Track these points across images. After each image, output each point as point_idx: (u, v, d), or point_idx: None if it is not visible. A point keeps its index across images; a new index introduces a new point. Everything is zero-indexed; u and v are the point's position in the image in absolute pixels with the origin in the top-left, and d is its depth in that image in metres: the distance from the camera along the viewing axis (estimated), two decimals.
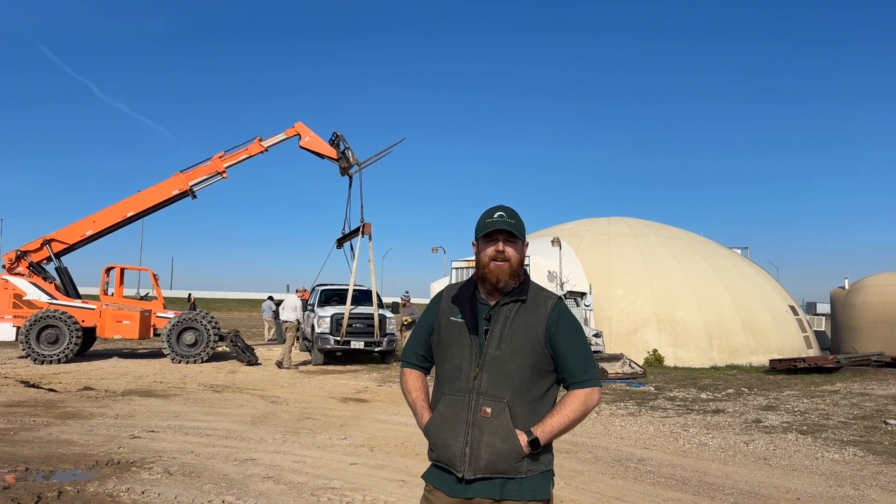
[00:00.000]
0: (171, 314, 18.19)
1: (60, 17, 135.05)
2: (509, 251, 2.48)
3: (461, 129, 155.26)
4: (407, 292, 20.67)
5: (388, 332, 18.09)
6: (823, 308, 30.65)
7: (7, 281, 17.28)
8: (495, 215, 2.51)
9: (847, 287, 25.14)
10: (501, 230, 2.48)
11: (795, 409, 11.52)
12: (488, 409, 2.39)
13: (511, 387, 2.40)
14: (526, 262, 2.69)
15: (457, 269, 21.65)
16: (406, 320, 17.01)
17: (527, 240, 2.62)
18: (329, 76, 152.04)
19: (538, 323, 2.44)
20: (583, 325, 17.71)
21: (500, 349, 2.43)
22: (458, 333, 2.53)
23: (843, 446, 8.54)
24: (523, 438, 2.36)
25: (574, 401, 2.41)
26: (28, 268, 17.63)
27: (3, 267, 17.76)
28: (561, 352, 2.44)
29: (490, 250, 2.49)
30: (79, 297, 18.24)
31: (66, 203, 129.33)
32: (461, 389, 2.47)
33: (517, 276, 2.50)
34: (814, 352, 21.87)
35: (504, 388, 2.40)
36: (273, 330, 26.89)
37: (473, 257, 2.62)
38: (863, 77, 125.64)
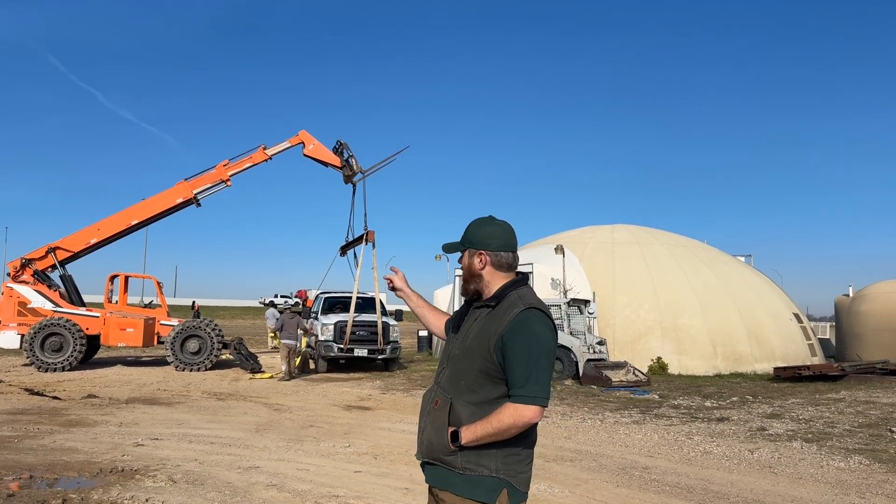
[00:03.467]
0: (174, 322, 18.22)
1: (67, 26, 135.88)
2: (462, 263, 2.71)
3: (465, 137, 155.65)
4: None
5: (391, 339, 18.08)
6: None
7: (12, 289, 17.35)
8: None
9: (851, 295, 25.07)
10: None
11: (800, 417, 11.48)
12: (438, 401, 2.56)
13: (458, 385, 2.53)
14: (529, 270, 2.77)
15: (460, 276, 21.62)
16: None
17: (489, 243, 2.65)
18: (334, 83, 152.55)
19: (495, 329, 2.46)
20: (586, 332, 17.67)
21: (458, 349, 2.58)
22: (450, 332, 2.77)
23: (849, 454, 8.51)
24: (449, 432, 2.47)
25: (503, 412, 2.39)
26: (33, 276, 17.70)
27: (8, 275, 17.83)
28: (506, 361, 2.42)
29: None
30: (83, 304, 18.29)
31: (71, 211, 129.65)
32: (435, 381, 2.68)
33: (468, 283, 2.67)
34: (818, 359, 21.78)
35: (453, 386, 2.54)
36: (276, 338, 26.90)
37: None
38: (867, 86, 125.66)
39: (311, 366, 16.77)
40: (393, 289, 3.16)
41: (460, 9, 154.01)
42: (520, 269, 2.71)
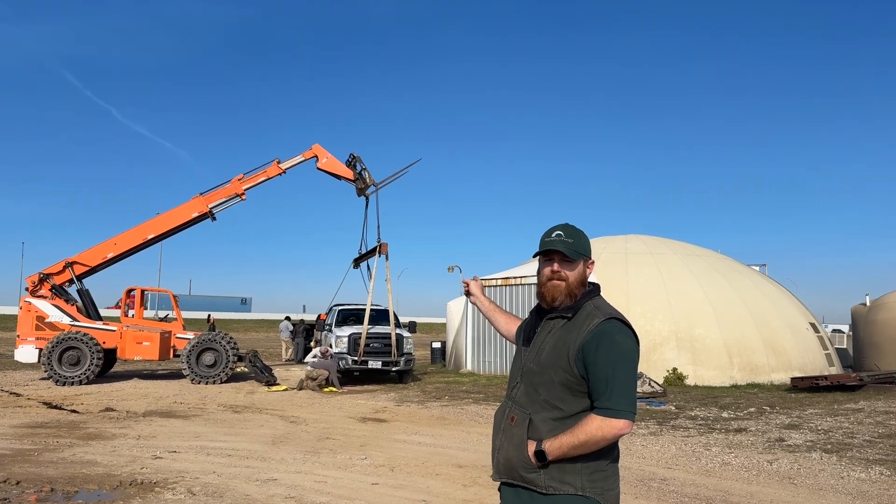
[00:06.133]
0: (190, 335, 18.33)
1: (82, 43, 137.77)
2: (566, 272, 2.52)
3: (475, 147, 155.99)
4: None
5: (405, 351, 18.09)
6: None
7: (30, 303, 17.52)
8: (553, 234, 2.56)
9: (868, 304, 24.83)
10: (557, 250, 2.51)
11: (819, 428, 11.37)
12: (514, 417, 2.49)
13: (536, 400, 2.45)
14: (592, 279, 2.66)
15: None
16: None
17: (592, 258, 2.63)
18: (346, 96, 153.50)
19: (574, 340, 2.41)
20: None
21: (533, 362, 2.50)
22: (520, 343, 2.69)
23: (869, 465, 8.42)
24: (532, 448, 2.39)
25: (590, 424, 2.34)
26: (50, 290, 17.87)
27: (27, 289, 18.02)
28: (589, 373, 2.37)
29: (547, 270, 2.55)
30: (100, 318, 18.44)
31: (88, 226, 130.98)
32: (508, 396, 2.60)
33: (573, 295, 2.51)
34: (836, 369, 21.55)
35: (531, 401, 2.47)
36: (291, 350, 26.99)
37: (490, 276, 2.71)
38: (885, 90, 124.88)
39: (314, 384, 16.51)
40: (468, 293, 3.19)
41: (465, 16, 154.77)
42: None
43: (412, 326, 20.42)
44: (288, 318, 28.46)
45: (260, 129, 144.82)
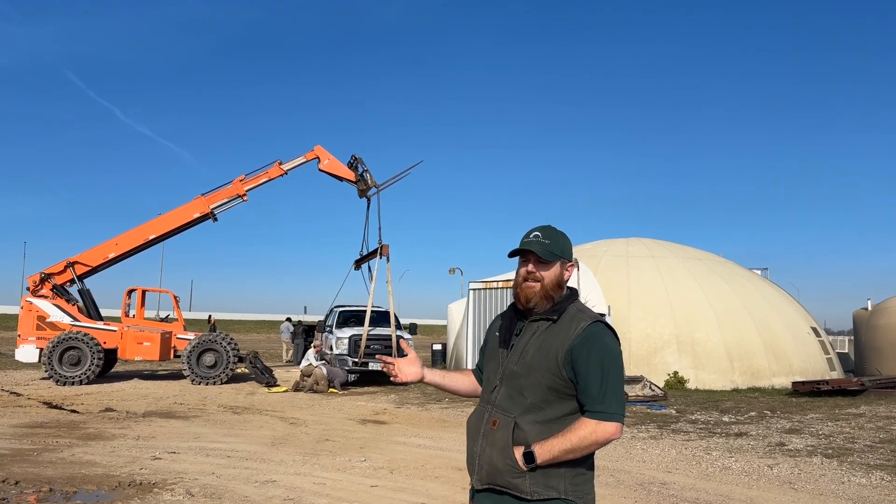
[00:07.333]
0: (191, 336, 18.34)
1: (85, 43, 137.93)
2: (541, 273, 2.47)
3: (477, 151, 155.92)
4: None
5: (405, 353, 18.03)
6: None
7: (31, 303, 17.53)
8: (531, 235, 2.52)
9: (870, 308, 24.78)
10: (532, 251, 2.47)
11: (820, 433, 11.34)
12: (496, 421, 2.43)
13: (521, 403, 2.41)
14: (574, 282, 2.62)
15: (474, 290, 21.61)
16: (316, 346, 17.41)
17: (573, 259, 2.59)
18: (348, 99, 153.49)
19: (561, 343, 2.38)
20: None
21: (517, 365, 2.45)
22: (494, 347, 2.60)
23: (870, 470, 8.39)
24: (519, 452, 2.34)
25: (582, 428, 2.32)
26: (52, 290, 17.89)
27: (28, 289, 18.04)
28: (580, 376, 2.34)
29: (522, 270, 2.51)
30: (101, 318, 18.45)
31: (89, 226, 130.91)
32: (485, 401, 2.53)
33: (550, 298, 2.47)
34: (837, 374, 21.51)
35: (515, 404, 2.42)
36: (291, 351, 27.01)
37: (491, 278, 2.65)
38: (886, 98, 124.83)
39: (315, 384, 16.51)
40: (404, 383, 2.96)
41: (470, 20, 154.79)
42: None
43: (413, 328, 20.43)
44: (289, 320, 28.48)
45: (262, 131, 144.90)
